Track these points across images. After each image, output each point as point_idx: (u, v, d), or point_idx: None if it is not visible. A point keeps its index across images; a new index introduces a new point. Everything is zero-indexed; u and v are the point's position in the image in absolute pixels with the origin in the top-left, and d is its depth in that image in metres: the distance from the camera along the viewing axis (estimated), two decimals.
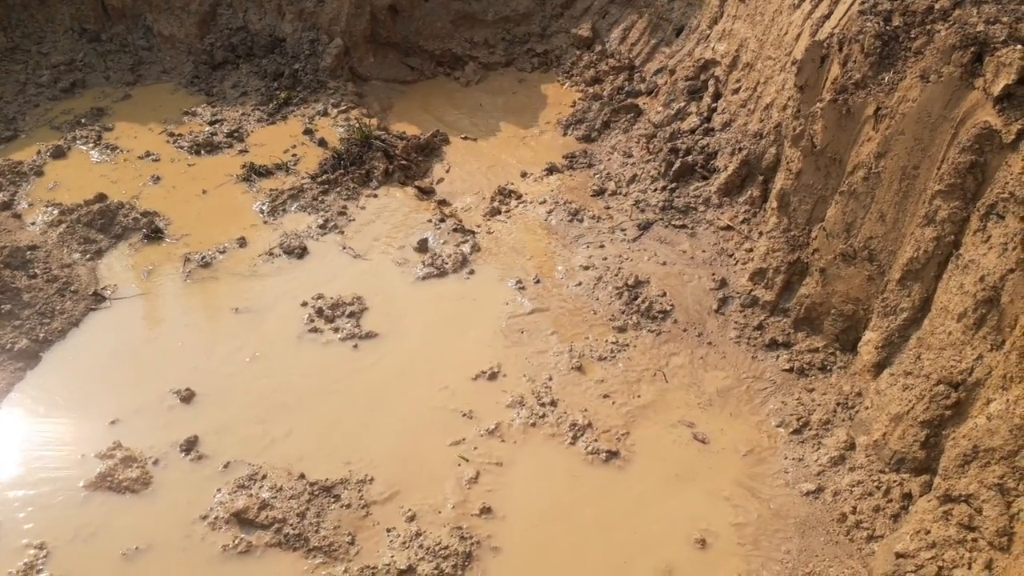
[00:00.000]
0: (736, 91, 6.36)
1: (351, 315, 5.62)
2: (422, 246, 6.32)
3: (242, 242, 6.35)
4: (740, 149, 6.05)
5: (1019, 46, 4.01)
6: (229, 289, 5.91)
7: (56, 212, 6.49)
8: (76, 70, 8.14)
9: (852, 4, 5.08)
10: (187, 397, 4.98)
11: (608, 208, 6.64)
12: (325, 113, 7.79)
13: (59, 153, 7.26)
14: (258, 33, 8.32)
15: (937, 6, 4.45)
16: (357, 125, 7.32)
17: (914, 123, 4.39)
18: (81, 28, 8.34)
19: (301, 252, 6.27)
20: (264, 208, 6.72)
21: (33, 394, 5.04)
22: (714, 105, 6.65)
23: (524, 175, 7.22)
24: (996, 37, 4.09)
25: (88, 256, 6.19)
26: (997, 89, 3.96)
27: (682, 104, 6.87)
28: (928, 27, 4.47)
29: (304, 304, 5.73)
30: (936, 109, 4.29)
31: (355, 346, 5.41)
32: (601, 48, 8.37)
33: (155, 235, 6.40)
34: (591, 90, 8.12)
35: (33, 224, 6.46)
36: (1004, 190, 3.93)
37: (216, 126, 7.58)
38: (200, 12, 8.26)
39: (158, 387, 5.04)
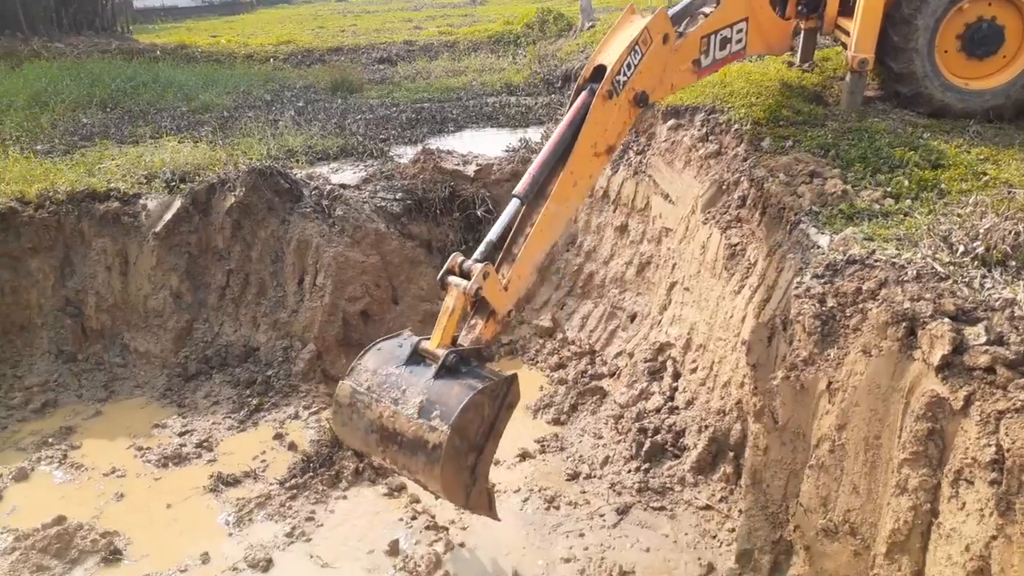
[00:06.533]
0: (694, 370, 6.62)
1: None
2: (393, 548, 6.07)
3: (205, 558, 6.06)
4: (706, 427, 6.16)
5: (946, 319, 4.30)
6: None
7: (11, 539, 6.21)
8: (49, 390, 8.24)
9: (787, 288, 5.49)
10: None
11: (584, 492, 6.55)
12: (296, 416, 7.86)
13: (22, 476, 7.09)
14: (232, 344, 8.63)
15: (864, 287, 4.82)
16: (328, 426, 7.35)
17: (866, 395, 4.55)
18: (59, 350, 8.59)
19: (266, 565, 5.97)
20: (230, 519, 6.50)
21: None
22: (675, 384, 6.88)
23: (496, 463, 7.15)
24: (923, 312, 4.40)
25: None
26: (936, 360, 4.18)
27: (644, 384, 7.10)
28: (860, 306, 4.81)
29: None
30: (884, 381, 4.48)
31: None
32: (562, 336, 8.80)
33: (113, 557, 6.09)
34: (556, 375, 8.38)
35: None
36: (967, 455, 3.99)
37: (185, 437, 7.56)
38: (176, 328, 8.63)
39: None
